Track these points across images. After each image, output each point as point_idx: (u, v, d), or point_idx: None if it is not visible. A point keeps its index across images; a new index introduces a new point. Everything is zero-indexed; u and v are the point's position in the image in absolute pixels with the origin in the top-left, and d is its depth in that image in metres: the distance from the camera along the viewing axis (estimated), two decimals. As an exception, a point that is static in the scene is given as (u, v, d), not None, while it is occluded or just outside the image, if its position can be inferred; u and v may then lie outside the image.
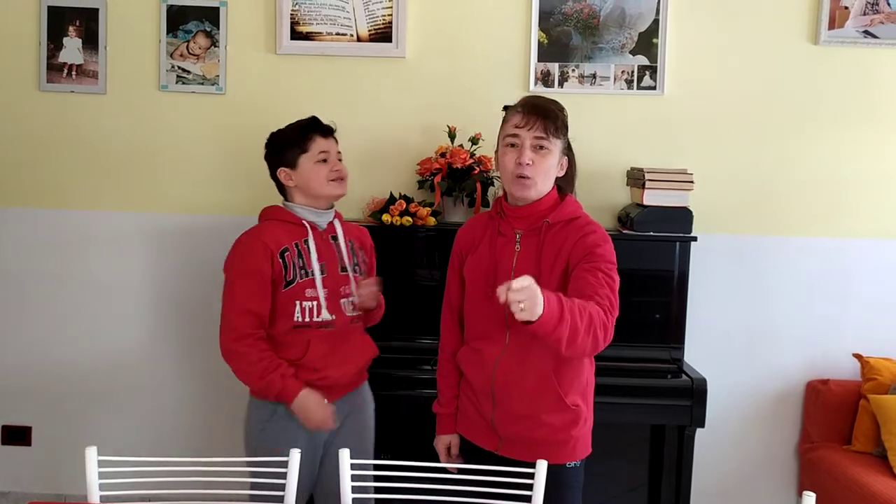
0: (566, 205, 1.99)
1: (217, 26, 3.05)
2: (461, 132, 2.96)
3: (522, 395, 1.93)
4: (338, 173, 2.26)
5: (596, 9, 3.01)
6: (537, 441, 1.93)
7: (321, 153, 2.25)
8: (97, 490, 1.74)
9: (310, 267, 2.21)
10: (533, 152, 1.92)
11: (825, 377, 3.07)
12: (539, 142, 1.93)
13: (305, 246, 2.22)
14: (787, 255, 3.06)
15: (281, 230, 2.22)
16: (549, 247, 1.94)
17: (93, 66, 3.07)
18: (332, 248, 2.27)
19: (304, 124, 2.29)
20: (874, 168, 3.05)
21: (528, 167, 1.91)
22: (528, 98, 2.02)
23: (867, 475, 2.68)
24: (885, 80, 3.01)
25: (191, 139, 3.10)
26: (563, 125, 1.96)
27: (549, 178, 1.96)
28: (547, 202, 1.98)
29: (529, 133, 1.93)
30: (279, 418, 2.19)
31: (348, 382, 2.28)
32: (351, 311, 2.27)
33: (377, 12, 3.02)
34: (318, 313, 2.20)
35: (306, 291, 2.19)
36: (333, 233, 2.30)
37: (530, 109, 1.95)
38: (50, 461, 3.20)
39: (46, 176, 3.13)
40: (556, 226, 1.96)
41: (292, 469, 1.78)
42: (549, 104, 1.97)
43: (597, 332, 1.74)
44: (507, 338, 1.95)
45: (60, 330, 3.17)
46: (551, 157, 1.94)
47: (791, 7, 3.00)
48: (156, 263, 3.15)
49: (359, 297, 2.28)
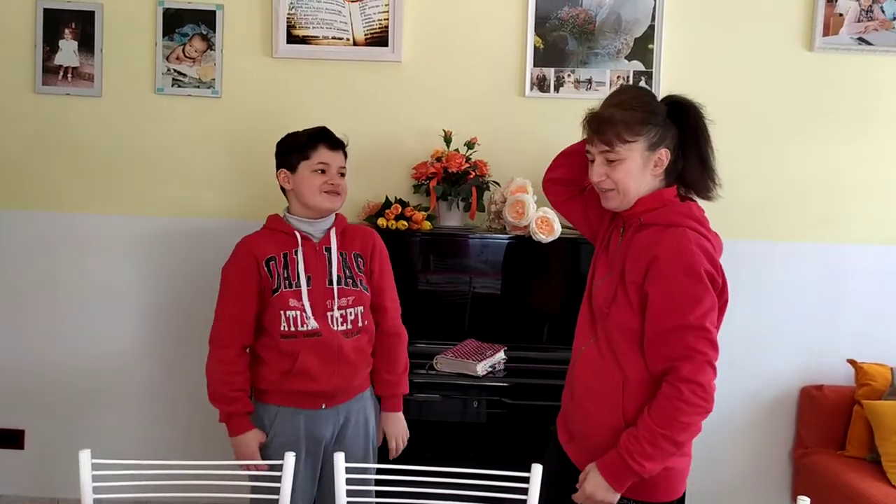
0: (673, 209, 1.81)
1: (213, 29, 3.05)
2: (457, 136, 2.97)
3: (589, 395, 1.84)
4: (333, 187, 2.24)
5: (592, 14, 3.02)
6: (593, 450, 1.80)
7: (320, 163, 2.24)
8: (91, 493, 1.74)
9: (294, 278, 2.20)
10: (604, 166, 1.82)
11: (819, 383, 3.07)
12: (606, 156, 1.81)
13: (294, 256, 2.21)
14: (782, 260, 3.06)
15: (271, 239, 2.25)
16: (634, 250, 1.80)
17: (88, 69, 3.07)
18: (324, 260, 2.24)
19: (314, 132, 2.28)
20: (869, 174, 3.06)
21: (604, 181, 1.82)
22: (593, 109, 1.87)
23: (861, 481, 2.69)
24: (879, 87, 3.03)
25: (186, 142, 3.10)
26: (634, 124, 1.77)
27: (639, 182, 1.81)
28: (646, 203, 1.82)
29: (595, 149, 1.83)
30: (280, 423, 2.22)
31: (344, 391, 2.26)
32: (341, 326, 2.23)
33: (373, 16, 3.03)
34: (303, 323, 2.18)
35: (289, 301, 2.19)
36: (328, 244, 2.27)
37: (588, 123, 1.85)
38: (43, 464, 3.18)
39: (41, 178, 3.12)
40: (651, 228, 1.80)
41: (287, 473, 1.78)
42: (611, 110, 1.81)
43: (676, 426, 1.67)
44: (595, 331, 1.87)
45: (54, 333, 3.16)
46: (626, 164, 1.79)
47: (786, 14, 3.01)
48: (150, 267, 3.14)
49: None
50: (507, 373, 2.71)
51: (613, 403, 1.78)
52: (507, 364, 2.75)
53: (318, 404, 2.23)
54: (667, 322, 1.70)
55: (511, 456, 2.64)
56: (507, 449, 2.69)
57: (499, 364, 2.73)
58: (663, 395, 1.69)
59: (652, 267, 1.73)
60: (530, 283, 2.93)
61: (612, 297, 1.81)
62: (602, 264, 1.91)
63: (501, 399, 2.63)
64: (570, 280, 2.94)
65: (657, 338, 1.72)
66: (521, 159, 3.04)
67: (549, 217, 2.79)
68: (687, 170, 1.84)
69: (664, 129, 1.81)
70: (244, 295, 2.21)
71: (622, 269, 1.81)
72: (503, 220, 2.86)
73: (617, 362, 1.80)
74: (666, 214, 1.79)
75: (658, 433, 1.68)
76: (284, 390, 2.22)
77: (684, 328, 1.68)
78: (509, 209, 2.80)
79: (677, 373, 1.68)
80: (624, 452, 1.70)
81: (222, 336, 2.23)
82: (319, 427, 2.23)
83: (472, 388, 2.63)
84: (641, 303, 1.76)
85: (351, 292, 2.25)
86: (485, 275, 2.93)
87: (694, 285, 1.70)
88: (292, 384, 2.20)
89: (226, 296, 2.24)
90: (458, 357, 2.67)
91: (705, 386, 1.68)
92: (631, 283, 1.78)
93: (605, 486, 1.72)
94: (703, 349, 1.69)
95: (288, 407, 2.23)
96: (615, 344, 1.81)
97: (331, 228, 2.29)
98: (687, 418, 1.67)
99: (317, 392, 2.20)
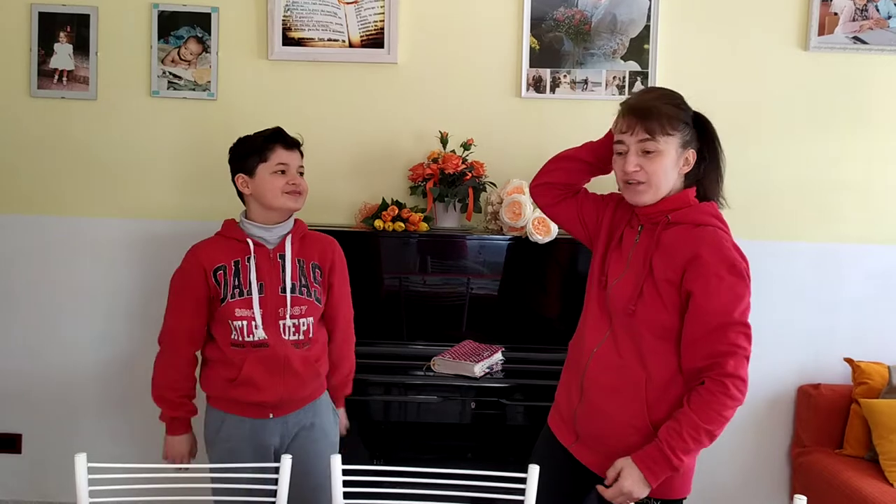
0: (699, 208, 1.82)
1: (209, 32, 3.05)
2: (453, 138, 2.97)
3: (606, 395, 1.82)
4: (294, 187, 2.20)
5: (587, 15, 3.02)
6: (608, 450, 1.81)
7: (279, 164, 2.19)
8: (87, 497, 1.73)
9: (246, 286, 2.17)
10: (639, 157, 1.79)
11: (816, 381, 3.08)
12: (644, 146, 1.79)
13: (247, 263, 2.18)
14: (778, 259, 3.07)
15: (222, 247, 2.21)
16: (665, 247, 1.79)
17: (84, 72, 3.07)
18: (278, 267, 2.20)
19: (268, 134, 2.24)
20: (864, 173, 3.07)
21: (637, 173, 1.79)
22: (632, 97, 1.86)
23: (859, 479, 2.69)
24: (874, 86, 3.03)
25: (182, 145, 3.10)
26: (676, 119, 1.79)
27: (667, 179, 1.81)
28: (672, 202, 1.82)
29: (633, 138, 1.79)
30: (225, 428, 2.21)
31: (290, 402, 2.21)
32: (292, 336, 2.19)
33: (369, 18, 3.03)
34: (251, 333, 2.15)
35: (236, 311, 2.15)
36: (283, 251, 2.21)
37: (630, 111, 1.81)
38: (40, 469, 3.17)
39: (36, 182, 3.11)
40: (679, 227, 1.80)
41: (283, 474, 1.78)
42: (653, 101, 1.81)
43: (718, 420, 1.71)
44: (609, 329, 1.85)
45: (50, 337, 3.15)
46: (662, 157, 1.78)
47: (781, 13, 3.02)
48: (146, 270, 3.13)
49: None
50: (504, 374, 2.71)
51: (637, 403, 1.78)
52: (505, 365, 2.75)
53: (265, 414, 2.20)
54: (713, 320, 1.72)
55: (509, 457, 2.64)
56: (505, 450, 2.69)
57: (497, 365, 2.73)
58: (707, 390, 1.71)
59: (692, 265, 1.74)
60: (527, 283, 2.93)
61: (637, 294, 1.80)
62: (616, 262, 1.88)
63: (499, 400, 2.63)
64: (567, 280, 2.94)
65: (703, 336, 1.73)
66: (517, 160, 3.04)
67: (546, 218, 2.79)
68: (706, 176, 1.87)
69: (692, 131, 1.84)
70: (191, 305, 2.20)
71: (649, 267, 1.79)
72: (500, 221, 2.86)
73: (640, 360, 1.79)
74: (693, 213, 1.81)
75: (701, 428, 1.71)
76: (229, 398, 2.20)
77: (729, 325, 1.71)
78: (506, 210, 2.80)
79: (722, 368, 1.70)
80: (665, 447, 1.70)
81: (169, 342, 2.25)
82: (266, 436, 2.21)
83: (469, 389, 2.63)
84: (677, 301, 1.77)
85: (304, 301, 2.20)
86: (482, 276, 2.93)
87: (737, 283, 1.73)
88: (237, 393, 2.17)
89: (173, 306, 2.24)
90: (456, 358, 2.67)
91: (745, 380, 1.72)
92: (664, 281, 1.77)
93: (643, 480, 1.72)
94: (744, 344, 1.72)
95: (234, 414, 2.21)
96: (640, 341, 1.79)
97: (287, 235, 2.23)
98: (729, 412, 1.72)
99: (261, 402, 2.17)
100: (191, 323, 2.21)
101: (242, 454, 2.15)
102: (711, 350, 1.72)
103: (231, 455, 2.14)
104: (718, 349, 1.71)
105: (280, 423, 2.22)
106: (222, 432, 2.22)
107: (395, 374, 2.68)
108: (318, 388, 2.28)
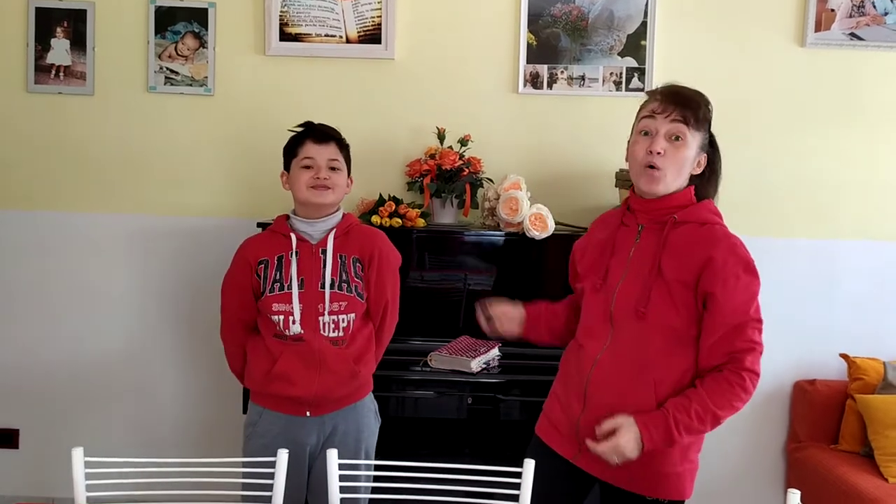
0: (702, 206, 1.82)
1: (205, 27, 3.04)
2: (450, 134, 2.97)
3: (615, 400, 1.77)
4: (318, 181, 2.19)
5: (584, 11, 3.02)
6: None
7: (306, 159, 2.21)
8: (84, 491, 1.74)
9: (287, 281, 2.18)
10: (667, 141, 1.77)
11: (812, 377, 3.09)
12: (675, 130, 1.77)
13: (290, 258, 2.20)
14: (774, 256, 3.07)
15: (268, 241, 2.25)
16: (674, 247, 1.78)
17: (81, 68, 3.06)
18: (319, 263, 2.20)
19: (301, 130, 2.27)
20: (860, 170, 3.07)
21: (660, 157, 1.76)
22: (669, 85, 1.85)
23: (854, 474, 2.70)
24: (870, 82, 3.04)
25: (179, 141, 3.09)
26: (704, 118, 1.80)
27: (682, 174, 1.80)
28: (678, 199, 1.81)
29: (666, 120, 1.77)
30: (263, 423, 2.22)
31: (327, 401, 2.20)
32: (331, 332, 2.19)
33: (366, 14, 3.03)
34: (287, 327, 2.16)
35: (273, 305, 2.17)
36: (325, 246, 2.22)
37: (669, 96, 1.79)
38: (38, 464, 3.18)
39: (33, 177, 3.11)
40: (685, 226, 1.79)
41: (280, 469, 1.78)
42: (693, 93, 1.81)
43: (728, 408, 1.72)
44: (611, 334, 1.82)
45: (48, 332, 3.15)
46: (687, 149, 1.78)
47: (778, 9, 3.02)
48: (143, 265, 3.13)
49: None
50: (501, 369, 2.72)
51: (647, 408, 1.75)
52: (502, 361, 2.75)
53: (302, 411, 2.19)
54: (732, 319, 1.73)
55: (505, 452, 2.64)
56: (501, 445, 2.70)
57: (493, 361, 2.74)
58: (725, 379, 1.72)
59: (709, 267, 1.74)
60: (524, 279, 2.93)
61: (646, 296, 1.78)
62: (615, 266, 1.85)
63: (496, 395, 2.63)
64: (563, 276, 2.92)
65: (723, 335, 1.73)
66: (514, 156, 3.05)
67: (543, 214, 2.80)
68: (706, 186, 1.88)
69: (708, 138, 1.86)
70: (238, 298, 2.25)
71: (657, 268, 1.77)
72: (497, 217, 2.86)
73: (647, 364, 1.77)
74: (697, 212, 1.81)
75: (710, 410, 1.71)
76: (266, 393, 2.20)
77: (746, 323, 1.74)
78: (503, 206, 2.81)
79: (741, 363, 1.73)
80: (671, 419, 1.70)
81: (227, 335, 2.32)
82: (303, 434, 2.20)
83: (466, 384, 2.63)
84: (690, 302, 1.76)
85: (343, 297, 2.19)
86: (479, 271, 2.93)
87: (752, 281, 1.77)
88: (272, 387, 2.18)
89: (224, 299, 2.30)
90: (453, 354, 2.68)
91: (759, 375, 1.76)
92: (676, 283, 1.76)
93: (639, 442, 1.69)
94: (759, 340, 1.76)
95: (271, 410, 2.22)
96: (648, 344, 1.77)
97: (332, 230, 2.24)
98: (740, 404, 1.74)
99: (295, 397, 2.17)
100: (242, 315, 2.26)
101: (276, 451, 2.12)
102: (731, 348, 1.74)
103: (265, 451, 2.09)
104: (737, 346, 1.73)
105: (317, 423, 2.21)
106: (259, 427, 2.22)
107: (392, 370, 2.67)
108: (359, 389, 2.26)
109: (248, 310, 2.24)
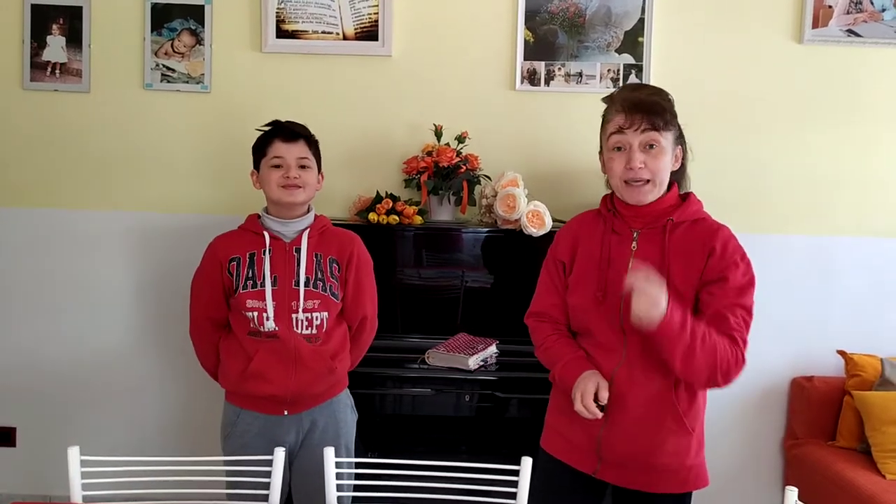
0: (690, 204, 1.83)
1: (202, 24, 3.04)
2: (447, 131, 2.96)
3: (640, 412, 1.77)
4: (288, 180, 2.19)
5: (582, 7, 3.01)
6: (651, 466, 1.79)
7: (275, 158, 2.21)
8: (80, 490, 1.74)
9: (259, 278, 2.18)
10: (643, 153, 1.76)
11: (809, 374, 3.09)
12: (648, 139, 1.76)
13: (262, 256, 2.20)
14: (772, 252, 3.07)
15: (240, 239, 2.26)
16: (676, 249, 1.78)
17: (77, 65, 3.05)
18: (293, 261, 2.21)
19: (268, 129, 2.27)
20: (858, 166, 3.07)
21: (642, 170, 1.76)
22: (627, 93, 1.82)
23: (851, 471, 2.71)
24: (868, 79, 3.04)
25: (176, 138, 3.09)
26: (671, 114, 1.80)
27: (665, 177, 1.80)
28: (668, 200, 1.82)
29: (637, 133, 1.76)
30: (241, 423, 2.22)
31: (305, 398, 2.20)
32: (305, 329, 2.19)
33: (363, 10, 3.02)
34: (261, 323, 2.16)
35: (247, 302, 2.17)
36: (299, 245, 2.22)
37: (633, 107, 1.76)
38: (35, 462, 3.17)
39: (29, 175, 3.10)
40: (682, 226, 1.80)
41: (277, 467, 1.78)
42: (652, 96, 1.80)
43: (717, 364, 1.69)
44: (626, 347, 1.80)
45: (45, 330, 3.14)
46: (664, 154, 1.77)
47: (775, 6, 3.02)
48: (140, 262, 3.13)
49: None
50: (499, 366, 2.72)
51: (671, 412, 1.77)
52: (500, 358, 2.75)
53: (280, 410, 2.20)
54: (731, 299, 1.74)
55: (503, 449, 2.64)
56: (499, 442, 2.70)
57: (491, 358, 2.74)
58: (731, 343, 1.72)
59: (711, 258, 1.76)
60: (522, 276, 2.92)
61: None
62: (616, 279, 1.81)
63: (494, 393, 2.63)
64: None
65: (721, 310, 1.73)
66: (511, 153, 3.04)
67: (540, 210, 2.80)
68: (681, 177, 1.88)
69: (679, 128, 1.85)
70: (208, 296, 2.26)
71: (666, 273, 1.75)
72: (494, 214, 2.86)
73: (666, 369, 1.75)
74: (688, 210, 1.82)
75: (718, 349, 1.69)
76: (243, 392, 2.20)
77: (740, 306, 1.75)
78: (500, 203, 2.80)
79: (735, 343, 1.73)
80: (688, 327, 1.66)
81: (196, 333, 2.34)
82: (281, 434, 2.20)
83: (464, 381, 2.63)
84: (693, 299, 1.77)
85: (318, 296, 2.20)
86: (476, 269, 2.93)
87: (748, 270, 1.79)
88: (248, 386, 2.17)
89: (193, 297, 2.32)
90: (451, 351, 2.67)
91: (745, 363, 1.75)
92: (686, 286, 1.77)
93: (662, 307, 1.64)
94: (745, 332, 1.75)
95: (249, 410, 2.22)
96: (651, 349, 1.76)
97: (305, 230, 2.24)
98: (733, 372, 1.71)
99: (272, 396, 2.17)
100: (212, 313, 2.26)
101: (256, 450, 2.11)
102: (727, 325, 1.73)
103: (244, 451, 2.13)
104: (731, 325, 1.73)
105: (295, 421, 2.22)
106: (237, 427, 2.23)
107: (390, 367, 2.67)
108: (335, 385, 2.27)
109: (218, 308, 2.25)
